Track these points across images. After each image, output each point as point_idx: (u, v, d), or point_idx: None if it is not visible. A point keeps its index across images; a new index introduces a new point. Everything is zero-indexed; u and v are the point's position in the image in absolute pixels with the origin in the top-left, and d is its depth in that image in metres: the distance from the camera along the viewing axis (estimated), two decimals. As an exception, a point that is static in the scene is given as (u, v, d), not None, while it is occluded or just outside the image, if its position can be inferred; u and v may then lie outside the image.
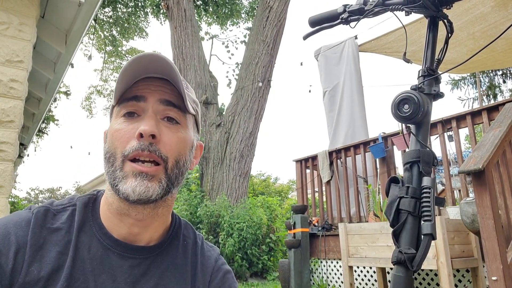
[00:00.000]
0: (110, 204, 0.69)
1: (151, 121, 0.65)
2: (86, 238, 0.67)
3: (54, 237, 0.65)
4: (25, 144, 6.42)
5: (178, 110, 0.70)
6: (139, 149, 0.64)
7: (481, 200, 2.24)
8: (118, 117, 0.68)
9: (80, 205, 0.70)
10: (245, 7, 12.39)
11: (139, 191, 0.63)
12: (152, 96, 0.68)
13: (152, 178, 0.65)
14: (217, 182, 7.35)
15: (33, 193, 18.33)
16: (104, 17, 12.19)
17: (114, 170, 0.65)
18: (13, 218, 0.65)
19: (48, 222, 0.66)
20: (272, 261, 6.32)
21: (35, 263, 0.61)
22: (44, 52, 3.59)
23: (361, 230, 3.41)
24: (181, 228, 0.79)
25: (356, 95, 5.36)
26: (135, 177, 0.64)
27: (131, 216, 0.68)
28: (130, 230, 0.69)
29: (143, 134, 0.64)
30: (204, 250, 0.80)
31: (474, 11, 4.12)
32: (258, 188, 12.40)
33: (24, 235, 0.63)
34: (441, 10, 0.78)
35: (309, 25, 0.95)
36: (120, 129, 0.66)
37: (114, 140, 0.66)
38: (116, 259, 0.67)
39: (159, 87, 0.69)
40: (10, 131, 2.37)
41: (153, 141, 0.65)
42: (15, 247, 0.61)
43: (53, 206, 0.69)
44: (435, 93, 0.76)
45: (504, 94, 11.27)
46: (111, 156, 0.66)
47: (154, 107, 0.67)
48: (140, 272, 0.68)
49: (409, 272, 0.65)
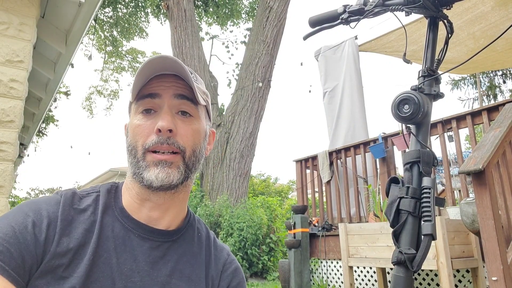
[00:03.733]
0: (130, 190, 0.75)
1: (167, 117, 0.72)
2: (109, 219, 0.72)
3: (81, 217, 0.71)
4: (25, 144, 6.42)
5: (191, 103, 0.76)
6: (159, 143, 0.71)
7: (481, 200, 2.24)
8: (137, 113, 0.75)
9: (103, 191, 0.77)
10: (245, 7, 12.39)
11: (162, 177, 0.70)
12: (166, 93, 0.74)
13: (172, 165, 0.72)
14: (217, 182, 7.35)
15: (33, 193, 18.35)
16: (104, 17, 12.19)
17: (137, 161, 0.72)
18: (43, 198, 0.71)
19: (75, 203, 0.72)
20: (272, 261, 6.31)
21: (65, 236, 0.67)
22: (44, 52, 3.59)
23: (361, 230, 3.41)
24: (195, 221, 0.84)
25: (356, 95, 5.36)
26: (156, 166, 0.71)
27: (152, 201, 0.74)
28: (150, 213, 0.74)
29: (161, 129, 0.70)
30: (217, 244, 0.85)
31: (474, 10, 4.12)
32: (258, 188, 12.40)
33: (55, 211, 0.68)
34: (441, 10, 0.78)
35: (309, 25, 0.95)
36: (140, 125, 0.73)
37: (135, 135, 0.73)
38: (137, 240, 0.72)
39: (172, 83, 0.75)
40: (10, 131, 2.37)
41: (170, 135, 0.72)
42: (47, 220, 0.66)
43: (78, 191, 0.76)
44: (435, 93, 0.76)
45: (504, 94, 11.28)
46: (133, 149, 0.73)
47: (168, 102, 0.74)
48: (159, 254, 0.73)
49: (409, 273, 0.65)
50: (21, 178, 20.03)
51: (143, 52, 14.41)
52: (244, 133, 7.63)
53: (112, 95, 15.20)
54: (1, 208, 2.30)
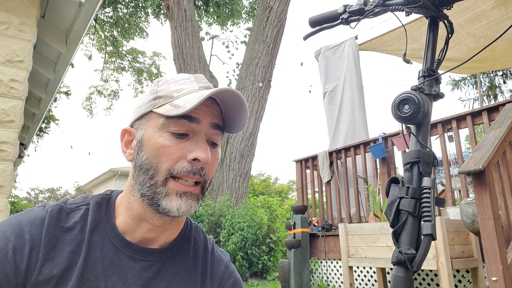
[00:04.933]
0: (131, 209, 0.69)
1: (206, 147, 0.67)
2: (98, 238, 0.67)
3: (67, 236, 0.65)
4: (25, 144, 6.42)
5: (221, 133, 0.72)
6: (191, 172, 0.65)
7: (481, 201, 2.24)
8: (164, 131, 0.66)
9: (93, 205, 0.70)
10: (245, 7, 12.39)
11: (184, 210, 0.65)
12: (205, 119, 0.68)
13: (194, 197, 0.67)
14: (217, 182, 7.35)
15: (33, 193, 18.36)
16: (104, 17, 12.19)
17: (155, 185, 0.65)
18: (28, 216, 0.66)
19: (62, 221, 0.67)
20: (272, 261, 6.31)
21: (48, 261, 0.62)
22: (45, 52, 3.60)
23: (361, 231, 3.41)
24: (192, 231, 0.79)
25: (356, 95, 5.36)
26: (180, 197, 0.65)
27: (152, 223, 0.69)
28: (147, 234, 0.70)
29: (201, 160, 0.65)
30: (215, 255, 0.79)
31: (475, 9, 4.12)
32: (258, 188, 12.40)
33: (38, 234, 0.63)
34: (442, 10, 0.78)
35: (309, 25, 0.95)
36: (169, 146, 0.65)
37: (160, 155, 0.65)
38: (127, 261, 0.67)
39: (209, 107, 0.69)
40: (10, 131, 2.37)
41: (204, 166, 0.67)
42: (29, 246, 0.61)
43: (67, 205, 0.70)
44: (435, 93, 0.76)
45: (505, 94, 11.28)
46: (151, 168, 0.66)
47: (205, 131, 0.68)
48: (150, 275, 0.69)
49: (409, 273, 0.65)
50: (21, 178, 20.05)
51: (143, 52, 14.42)
52: (244, 133, 7.63)
53: (112, 95, 15.19)
54: (1, 208, 2.30)
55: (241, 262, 5.71)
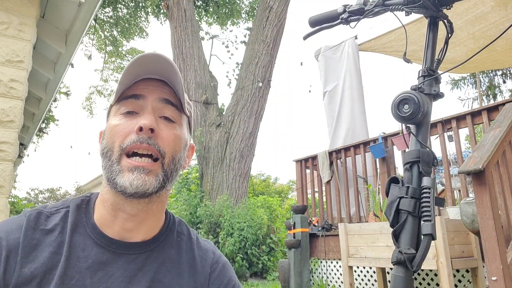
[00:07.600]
0: (105, 201, 0.70)
1: (150, 116, 0.68)
2: (80, 238, 0.68)
3: (48, 238, 0.67)
4: (25, 144, 6.42)
5: (175, 109, 0.73)
6: (138, 142, 0.66)
7: (481, 200, 2.24)
8: (117, 114, 0.71)
9: (73, 207, 0.72)
10: (245, 7, 12.39)
11: (137, 184, 0.65)
12: (151, 95, 0.71)
13: (149, 172, 0.67)
14: (217, 182, 7.34)
15: (33, 193, 18.32)
16: (104, 17, 12.18)
17: (111, 164, 0.67)
18: (5, 223, 0.67)
19: (41, 224, 0.68)
20: (272, 261, 6.31)
21: (28, 263, 0.63)
22: (44, 52, 3.59)
23: (361, 230, 3.41)
24: (175, 225, 0.80)
25: (356, 95, 5.36)
26: (132, 172, 0.66)
27: (125, 211, 0.69)
28: (124, 226, 0.70)
29: (143, 127, 0.66)
30: (200, 244, 0.81)
31: (474, 11, 4.12)
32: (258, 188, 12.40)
33: (16, 238, 0.64)
34: (441, 10, 0.78)
35: (309, 25, 0.95)
36: (119, 124, 0.69)
37: (113, 135, 0.68)
38: (111, 256, 0.68)
39: (158, 87, 0.72)
40: (10, 131, 2.37)
41: (151, 135, 0.67)
42: (6, 251, 0.63)
43: (46, 209, 0.71)
44: (435, 93, 0.76)
45: (504, 94, 11.27)
46: (108, 150, 0.68)
47: (153, 104, 0.70)
48: (136, 267, 0.69)
49: (409, 272, 0.65)
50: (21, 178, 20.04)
51: (143, 52, 14.39)
52: (244, 133, 7.63)
53: (112, 95, 15.17)
54: (1, 208, 2.30)
55: (241, 263, 5.70)
